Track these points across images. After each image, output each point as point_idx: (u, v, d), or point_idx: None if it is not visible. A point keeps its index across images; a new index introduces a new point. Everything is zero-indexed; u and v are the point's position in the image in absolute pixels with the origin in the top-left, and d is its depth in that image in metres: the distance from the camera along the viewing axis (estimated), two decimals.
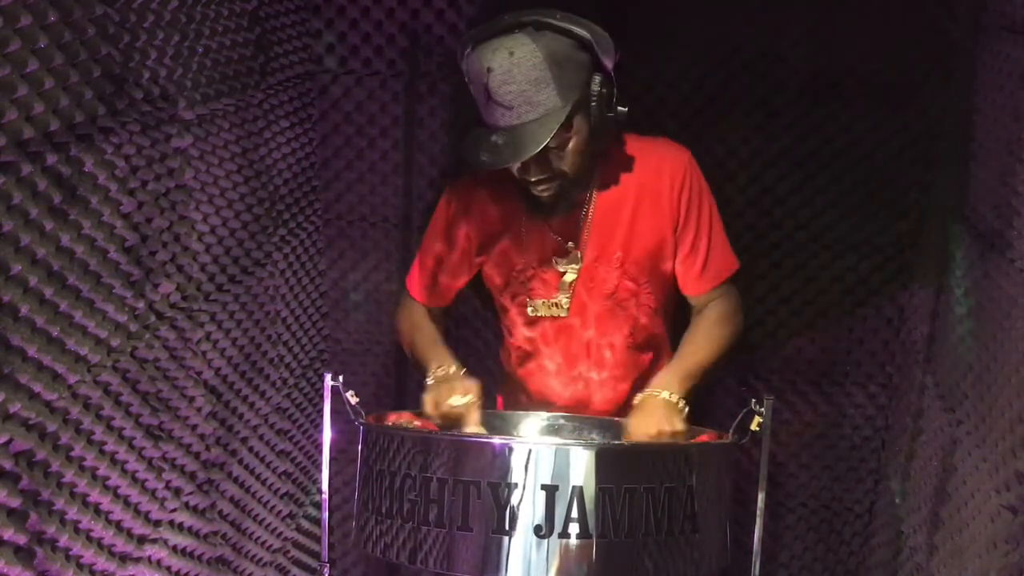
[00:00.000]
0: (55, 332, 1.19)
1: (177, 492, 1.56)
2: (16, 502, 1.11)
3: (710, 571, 1.50)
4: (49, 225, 1.17)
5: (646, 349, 1.89)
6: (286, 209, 2.08)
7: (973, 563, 1.50)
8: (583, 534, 1.37)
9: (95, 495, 1.30)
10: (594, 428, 1.85)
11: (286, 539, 2.14)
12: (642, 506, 1.40)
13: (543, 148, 1.57)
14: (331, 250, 2.35)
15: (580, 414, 1.90)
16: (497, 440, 1.51)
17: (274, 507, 2.05)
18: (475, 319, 2.34)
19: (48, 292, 1.18)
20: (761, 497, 1.52)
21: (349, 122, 2.24)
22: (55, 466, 1.20)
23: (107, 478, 1.33)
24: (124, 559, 1.39)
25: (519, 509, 1.38)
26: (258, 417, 1.93)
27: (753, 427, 1.50)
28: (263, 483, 1.98)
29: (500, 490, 1.38)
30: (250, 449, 1.90)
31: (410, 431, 1.66)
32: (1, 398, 1.09)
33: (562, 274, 1.82)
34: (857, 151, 2.10)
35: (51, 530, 1.20)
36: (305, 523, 2.26)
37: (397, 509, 1.46)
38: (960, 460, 1.65)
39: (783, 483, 2.35)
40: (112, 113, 1.32)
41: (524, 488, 1.38)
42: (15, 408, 1.12)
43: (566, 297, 1.82)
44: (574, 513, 1.37)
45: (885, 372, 2.25)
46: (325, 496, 1.63)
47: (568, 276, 1.82)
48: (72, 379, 1.24)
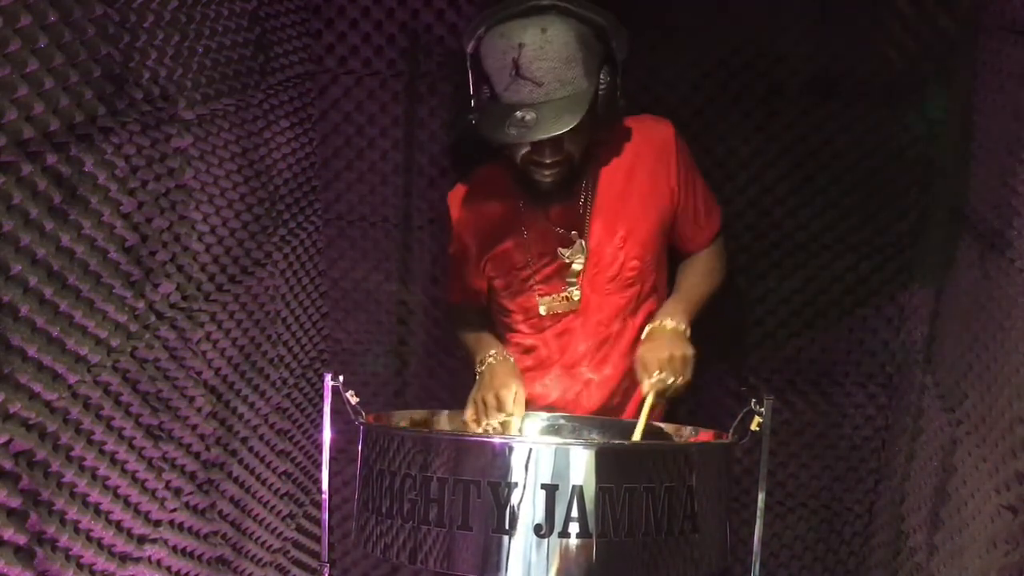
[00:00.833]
0: (55, 332, 1.19)
1: (177, 492, 1.56)
2: (16, 502, 1.11)
3: (710, 571, 1.50)
4: (49, 225, 1.17)
5: (634, 316, 1.90)
6: (286, 209, 2.08)
7: (973, 563, 1.50)
8: (583, 533, 1.37)
9: (95, 495, 1.30)
10: (594, 428, 1.85)
11: (286, 539, 2.14)
12: (642, 506, 1.40)
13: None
14: (331, 250, 2.35)
15: (578, 413, 1.90)
16: (497, 439, 1.51)
17: (274, 507, 2.05)
18: None
19: (48, 292, 1.18)
20: (761, 497, 1.51)
21: (349, 122, 2.24)
22: (55, 466, 1.20)
23: (107, 478, 1.33)
24: (124, 559, 1.39)
25: (519, 508, 1.38)
26: (258, 417, 1.93)
27: (753, 427, 1.50)
28: (263, 483, 1.98)
29: (500, 489, 1.38)
30: (250, 449, 1.90)
31: (410, 431, 1.66)
32: (1, 398, 1.09)
33: (569, 264, 1.83)
34: (857, 151, 2.10)
35: (51, 530, 1.20)
36: (305, 523, 2.26)
37: (397, 509, 1.45)
38: (960, 460, 1.65)
39: (783, 483, 2.36)
40: (112, 113, 1.32)
41: (524, 487, 1.38)
42: (15, 408, 1.12)
43: (576, 289, 1.83)
44: (574, 512, 1.37)
45: (885, 372, 2.25)
46: (325, 496, 1.63)
47: (576, 266, 1.83)
48: (72, 379, 1.24)
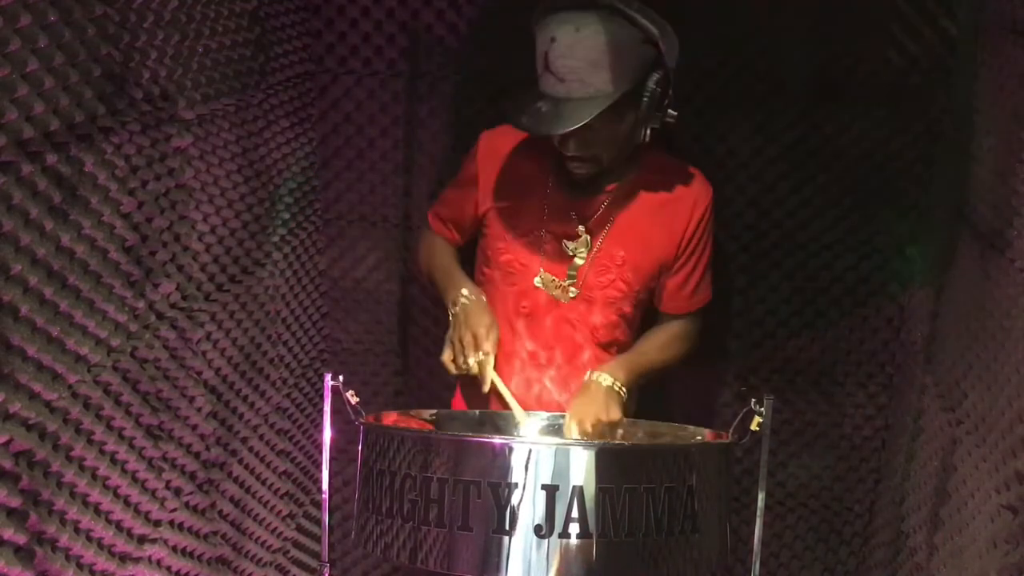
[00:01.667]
0: (55, 332, 1.19)
1: (177, 492, 1.56)
2: (16, 502, 1.11)
3: (710, 571, 1.50)
4: (49, 225, 1.17)
5: (609, 352, 1.90)
6: (286, 209, 2.08)
7: (973, 563, 1.50)
8: (583, 534, 1.37)
9: (95, 495, 1.30)
10: None
11: (286, 539, 2.14)
12: (642, 506, 1.40)
13: (582, 127, 1.59)
14: (331, 250, 2.35)
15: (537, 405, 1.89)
16: (497, 440, 1.51)
17: (274, 507, 2.05)
18: None
19: (48, 292, 1.18)
20: (761, 497, 1.52)
21: (349, 122, 2.24)
22: (55, 466, 1.20)
23: (107, 478, 1.33)
24: (124, 559, 1.39)
25: (519, 509, 1.38)
26: (258, 417, 1.93)
27: (753, 427, 1.50)
28: (263, 483, 1.98)
29: (500, 490, 1.38)
30: (250, 449, 1.89)
31: (410, 431, 1.66)
32: (1, 398, 1.09)
33: (571, 256, 1.83)
34: (857, 151, 2.10)
35: (51, 530, 1.20)
36: (305, 523, 2.26)
37: (397, 509, 1.45)
38: (960, 460, 1.65)
39: (783, 483, 2.36)
40: (112, 113, 1.31)
41: (524, 488, 1.38)
42: (15, 408, 1.12)
43: (571, 281, 1.84)
44: (574, 513, 1.37)
45: (885, 372, 2.25)
46: (325, 496, 1.63)
47: (577, 260, 1.83)
48: (72, 379, 1.24)
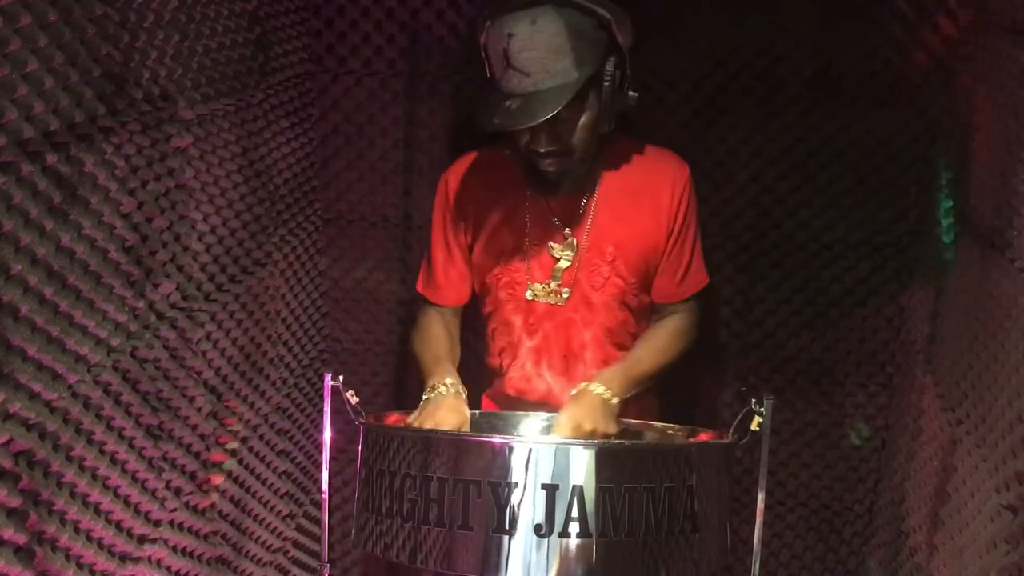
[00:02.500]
0: (55, 332, 1.19)
1: (177, 492, 1.56)
2: (16, 502, 1.11)
3: (710, 571, 1.50)
4: (49, 225, 1.17)
5: (622, 349, 1.90)
6: (286, 209, 2.08)
7: (973, 563, 1.50)
8: (583, 533, 1.37)
9: (95, 495, 1.30)
10: None
11: (286, 539, 2.14)
12: (642, 506, 1.40)
13: (554, 117, 1.58)
14: (331, 250, 2.35)
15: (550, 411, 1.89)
16: (497, 439, 1.51)
17: (274, 507, 2.05)
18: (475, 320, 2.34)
19: (48, 292, 1.18)
20: (761, 497, 1.51)
21: (349, 122, 2.24)
22: (55, 466, 1.20)
23: (107, 478, 1.33)
24: (124, 559, 1.39)
25: (519, 509, 1.38)
26: (258, 417, 1.94)
27: (753, 427, 1.50)
28: (263, 483, 1.98)
29: (500, 489, 1.38)
30: (250, 449, 1.90)
31: (410, 431, 1.66)
32: (1, 398, 1.09)
33: (556, 260, 1.83)
34: (857, 151, 2.10)
35: (51, 530, 1.20)
36: (305, 523, 2.26)
37: (397, 509, 1.46)
38: (960, 460, 1.65)
39: (783, 483, 2.36)
40: (112, 113, 1.31)
41: (524, 487, 1.38)
42: (15, 408, 1.12)
43: (557, 284, 1.83)
44: (574, 512, 1.37)
45: (885, 372, 2.25)
46: (325, 496, 1.63)
47: (562, 263, 1.82)
48: (72, 379, 1.24)
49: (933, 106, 2.03)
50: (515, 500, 1.38)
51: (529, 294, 1.85)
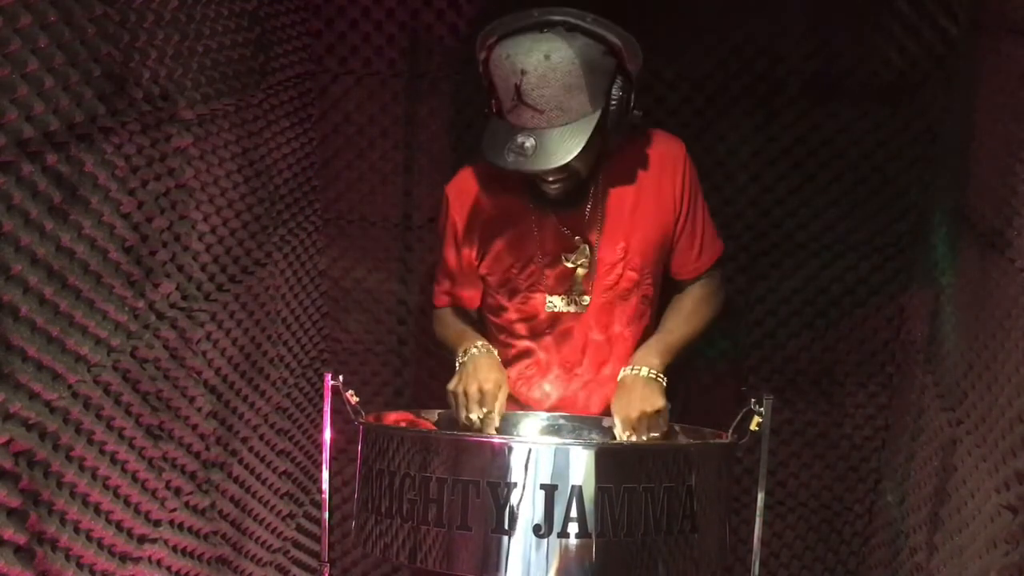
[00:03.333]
0: (55, 332, 1.19)
1: (177, 492, 1.56)
2: (16, 502, 1.12)
3: (710, 571, 1.50)
4: (49, 225, 1.17)
5: (645, 333, 1.89)
6: (286, 209, 2.08)
7: (973, 563, 1.50)
8: (582, 533, 1.37)
9: (95, 495, 1.30)
10: (594, 428, 1.85)
11: (286, 539, 2.14)
12: (641, 506, 1.40)
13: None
14: (331, 250, 2.35)
15: (575, 414, 1.89)
16: (497, 439, 1.51)
17: (274, 507, 2.05)
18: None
19: (48, 292, 1.18)
20: (761, 497, 1.52)
21: (349, 122, 2.24)
22: (55, 466, 1.20)
23: (107, 478, 1.33)
24: (124, 559, 1.39)
25: (518, 508, 1.38)
26: (258, 417, 1.94)
27: (753, 427, 1.50)
28: (263, 483, 1.98)
29: (499, 489, 1.39)
30: (250, 449, 1.90)
31: (410, 431, 1.66)
32: (1, 398, 1.10)
33: (572, 270, 1.82)
34: (857, 151, 2.10)
35: (51, 530, 1.20)
36: (305, 523, 2.26)
37: (397, 508, 1.46)
38: (960, 460, 1.65)
39: (783, 483, 2.36)
40: (112, 113, 1.32)
41: (523, 487, 1.38)
42: (15, 408, 1.12)
43: (581, 294, 1.83)
44: (573, 512, 1.37)
45: (885, 372, 2.25)
46: (325, 496, 1.63)
47: (580, 271, 1.82)
48: (72, 379, 1.24)
49: (933, 106, 2.03)
50: (514, 500, 1.38)
51: (549, 306, 1.85)
